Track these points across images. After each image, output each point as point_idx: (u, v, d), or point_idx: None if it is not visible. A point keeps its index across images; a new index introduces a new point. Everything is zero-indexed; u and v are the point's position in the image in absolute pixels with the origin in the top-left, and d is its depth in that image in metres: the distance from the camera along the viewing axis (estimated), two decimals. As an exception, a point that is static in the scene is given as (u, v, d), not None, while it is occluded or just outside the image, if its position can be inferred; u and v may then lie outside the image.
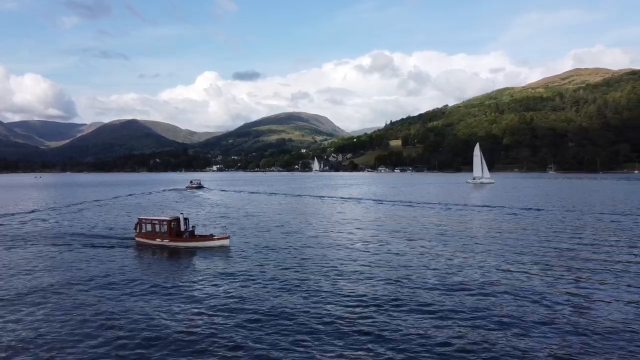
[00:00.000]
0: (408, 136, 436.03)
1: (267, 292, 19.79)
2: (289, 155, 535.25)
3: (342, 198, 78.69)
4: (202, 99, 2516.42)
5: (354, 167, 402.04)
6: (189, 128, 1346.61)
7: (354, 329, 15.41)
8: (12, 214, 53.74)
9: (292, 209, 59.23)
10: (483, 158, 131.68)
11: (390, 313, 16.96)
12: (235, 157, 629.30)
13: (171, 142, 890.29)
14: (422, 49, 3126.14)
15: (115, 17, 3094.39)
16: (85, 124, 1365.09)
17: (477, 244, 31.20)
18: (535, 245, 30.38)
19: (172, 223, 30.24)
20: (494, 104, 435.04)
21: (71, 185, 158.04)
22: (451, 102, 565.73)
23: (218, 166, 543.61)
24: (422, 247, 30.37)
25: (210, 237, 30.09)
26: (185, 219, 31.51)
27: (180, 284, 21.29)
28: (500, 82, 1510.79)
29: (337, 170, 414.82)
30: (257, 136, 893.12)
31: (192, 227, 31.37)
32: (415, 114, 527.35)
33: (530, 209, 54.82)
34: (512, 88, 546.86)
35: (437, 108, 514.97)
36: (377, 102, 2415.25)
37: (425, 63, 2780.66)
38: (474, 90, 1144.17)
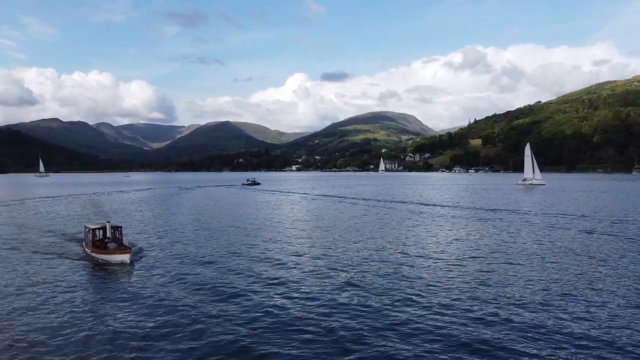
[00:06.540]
0: (490, 135, 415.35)
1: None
2: (367, 155, 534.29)
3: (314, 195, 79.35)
4: (291, 100, 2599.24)
5: (427, 167, 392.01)
6: (278, 129, 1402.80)
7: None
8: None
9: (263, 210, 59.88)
10: (534, 158, 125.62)
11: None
12: (317, 157, 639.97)
13: (260, 143, 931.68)
14: (518, 42, 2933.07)
15: (210, 24, 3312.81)
16: (184, 126, 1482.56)
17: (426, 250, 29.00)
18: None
19: (96, 231, 27.90)
20: (588, 99, 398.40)
21: (129, 183, 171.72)
22: (547, 98, 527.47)
23: (297, 166, 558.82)
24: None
25: (122, 250, 25.78)
26: (116, 228, 28.83)
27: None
28: (605, 75, 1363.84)
29: (410, 170, 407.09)
30: (343, 136, 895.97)
31: (108, 237, 27.71)
32: (507, 111, 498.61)
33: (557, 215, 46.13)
34: (615, 81, 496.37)
35: (528, 105, 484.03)
36: (467, 99, 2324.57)
37: (520, 57, 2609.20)
38: (573, 84, 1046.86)
